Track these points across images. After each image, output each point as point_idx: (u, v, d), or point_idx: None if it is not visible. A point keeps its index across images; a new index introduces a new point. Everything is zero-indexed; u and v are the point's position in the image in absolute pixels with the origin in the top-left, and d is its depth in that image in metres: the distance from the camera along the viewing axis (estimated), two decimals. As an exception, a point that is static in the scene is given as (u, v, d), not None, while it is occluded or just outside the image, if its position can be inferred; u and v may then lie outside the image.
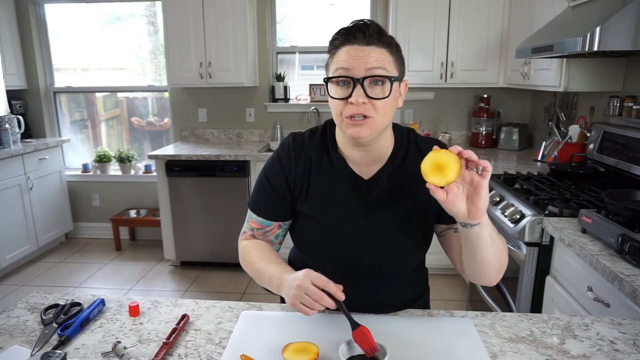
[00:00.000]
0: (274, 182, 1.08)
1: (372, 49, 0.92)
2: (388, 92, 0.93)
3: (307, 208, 1.06)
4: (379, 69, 0.92)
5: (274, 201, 1.08)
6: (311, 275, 0.88)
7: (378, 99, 0.92)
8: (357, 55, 0.92)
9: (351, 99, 0.92)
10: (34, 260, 3.75)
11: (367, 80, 0.92)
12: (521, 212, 1.83)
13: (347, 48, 0.93)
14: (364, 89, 0.91)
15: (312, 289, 0.85)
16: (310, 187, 1.06)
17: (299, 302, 0.87)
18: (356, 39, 0.92)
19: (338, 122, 0.98)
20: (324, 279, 0.87)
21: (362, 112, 0.92)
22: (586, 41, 1.65)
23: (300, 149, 1.07)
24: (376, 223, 1.04)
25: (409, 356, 0.88)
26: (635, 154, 1.99)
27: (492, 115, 3.50)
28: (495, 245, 0.93)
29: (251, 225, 1.12)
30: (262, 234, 1.12)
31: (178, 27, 3.43)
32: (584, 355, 0.88)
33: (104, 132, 4.28)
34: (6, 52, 3.74)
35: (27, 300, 1.11)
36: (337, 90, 0.95)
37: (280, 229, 1.12)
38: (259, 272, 1.05)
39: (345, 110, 0.94)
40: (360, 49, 0.92)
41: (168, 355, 0.89)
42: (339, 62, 0.94)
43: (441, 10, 3.18)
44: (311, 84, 3.84)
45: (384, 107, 0.94)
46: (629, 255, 1.29)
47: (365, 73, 0.91)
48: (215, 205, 3.37)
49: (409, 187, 1.04)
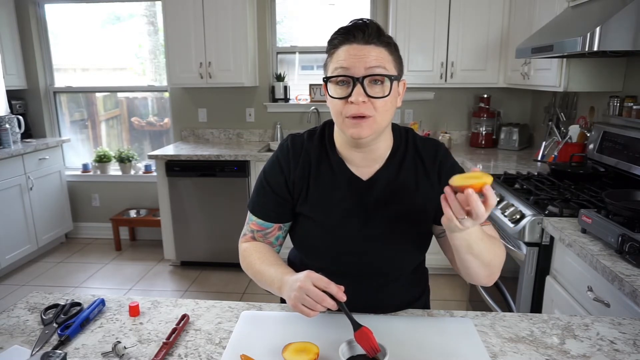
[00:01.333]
0: (274, 183, 1.08)
1: (371, 48, 0.92)
2: (388, 91, 0.93)
3: (306, 209, 1.06)
4: (378, 68, 0.91)
5: (273, 203, 1.08)
6: (312, 276, 0.87)
7: (378, 98, 0.92)
8: (357, 54, 0.91)
9: (351, 98, 0.91)
10: (34, 260, 3.75)
11: (366, 80, 0.91)
12: (521, 212, 1.83)
13: (346, 47, 0.93)
14: (363, 88, 0.91)
15: (313, 290, 0.85)
16: (309, 189, 1.06)
17: (300, 303, 0.86)
18: (355, 38, 0.92)
19: (338, 123, 0.98)
20: (325, 280, 0.87)
21: (362, 111, 0.92)
22: (586, 41, 1.65)
23: (299, 150, 1.07)
24: (375, 223, 1.04)
25: (409, 356, 0.88)
26: (635, 154, 1.99)
27: (492, 115, 3.50)
28: (486, 251, 0.93)
29: (251, 228, 1.12)
30: (262, 236, 1.12)
31: (178, 27, 3.43)
32: (584, 355, 0.88)
33: (104, 132, 4.28)
34: (6, 52, 3.74)
35: (27, 300, 1.11)
36: (336, 89, 0.95)
37: (281, 230, 1.12)
38: (259, 274, 1.04)
39: (345, 110, 0.93)
40: (360, 47, 0.92)
41: (168, 355, 0.89)
42: (338, 62, 0.93)
43: (441, 10, 3.18)
44: (311, 84, 3.84)
45: (384, 106, 0.94)
46: (629, 255, 1.29)
47: (365, 72, 0.91)
48: (215, 205, 3.37)
49: (407, 187, 1.04)
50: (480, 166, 0.84)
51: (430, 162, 1.06)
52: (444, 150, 1.08)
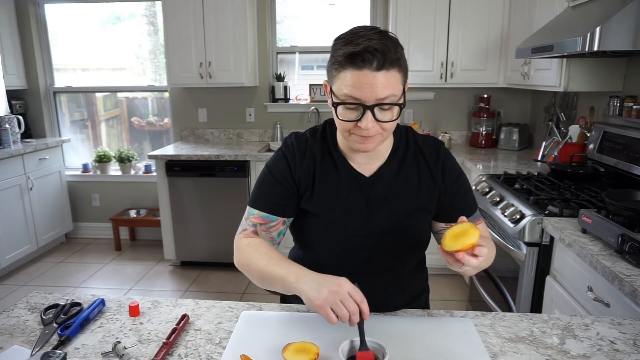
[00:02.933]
0: (279, 175, 1.07)
1: (382, 75, 0.88)
2: (396, 115, 0.93)
3: (312, 206, 1.07)
4: (388, 97, 0.90)
5: (279, 195, 1.07)
6: (349, 286, 0.85)
7: (386, 122, 0.93)
8: (367, 83, 0.88)
9: (361, 124, 0.91)
10: (34, 260, 3.75)
11: (376, 107, 0.91)
12: (521, 212, 1.83)
13: (356, 73, 0.88)
14: (373, 115, 0.91)
15: (349, 300, 0.83)
16: (315, 185, 1.06)
17: (329, 306, 0.84)
18: (365, 63, 0.87)
19: (344, 135, 0.99)
20: (361, 295, 0.85)
21: (371, 134, 0.93)
22: (586, 41, 1.65)
23: (304, 148, 1.08)
24: (379, 219, 1.05)
25: (409, 356, 0.88)
26: (635, 154, 1.99)
27: (492, 115, 3.50)
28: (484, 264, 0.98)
29: (253, 222, 1.08)
30: (265, 230, 1.08)
31: (178, 27, 3.43)
32: (584, 355, 0.88)
33: (104, 132, 4.28)
34: (6, 52, 3.74)
35: (27, 300, 1.11)
36: (345, 113, 0.94)
37: (284, 225, 1.09)
38: (265, 272, 0.99)
39: (353, 130, 0.94)
40: (371, 75, 0.88)
41: (168, 355, 0.89)
42: (347, 87, 0.90)
43: (441, 10, 3.18)
44: (311, 84, 3.84)
45: (391, 126, 0.95)
46: (629, 255, 1.29)
47: (375, 102, 0.90)
48: (215, 205, 3.37)
49: (410, 183, 1.06)
50: (465, 218, 0.86)
51: (434, 160, 1.08)
52: (444, 149, 1.11)
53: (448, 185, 1.08)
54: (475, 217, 1.12)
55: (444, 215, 1.10)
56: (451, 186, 1.08)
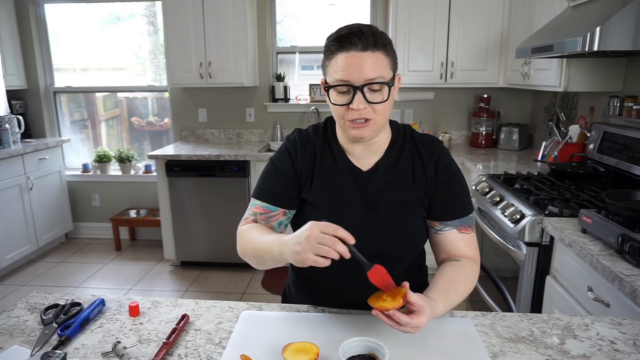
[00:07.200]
0: (282, 167, 1.12)
1: (368, 55, 0.94)
2: (386, 96, 0.98)
3: (310, 196, 1.10)
4: (376, 78, 0.95)
5: (281, 185, 1.11)
6: (318, 224, 0.86)
7: (377, 103, 0.97)
8: (355, 64, 0.94)
9: (352, 105, 0.96)
10: (34, 260, 3.75)
11: (366, 88, 0.95)
12: (521, 212, 1.83)
13: (344, 55, 0.95)
14: (364, 95, 0.95)
15: (323, 236, 0.83)
16: (314, 176, 1.10)
17: (312, 253, 0.83)
18: (352, 44, 0.94)
19: (340, 124, 1.03)
20: (333, 225, 0.85)
21: (363, 116, 0.97)
22: (586, 41, 1.65)
23: (305, 141, 1.13)
24: (377, 212, 1.07)
25: (409, 356, 0.88)
26: (635, 154, 1.99)
27: (492, 115, 3.50)
28: (458, 300, 1.02)
29: (254, 211, 1.12)
30: (265, 219, 1.11)
31: (178, 27, 3.43)
32: (584, 355, 0.88)
33: (104, 132, 4.28)
34: (6, 52, 3.74)
35: (27, 300, 1.11)
36: (337, 97, 0.99)
37: (284, 216, 1.12)
38: (257, 247, 1.02)
39: (347, 115, 0.99)
40: (358, 56, 0.94)
41: (168, 355, 0.89)
42: (337, 71, 0.96)
43: (441, 10, 3.18)
44: (311, 84, 3.84)
45: (382, 108, 0.98)
46: (629, 255, 1.29)
47: (364, 82, 0.95)
48: (215, 205, 3.37)
49: (405, 177, 1.09)
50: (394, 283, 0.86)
51: (428, 155, 1.10)
52: (441, 147, 1.12)
53: (440, 182, 1.09)
54: (464, 222, 1.10)
55: (434, 213, 1.10)
56: (443, 183, 1.09)
